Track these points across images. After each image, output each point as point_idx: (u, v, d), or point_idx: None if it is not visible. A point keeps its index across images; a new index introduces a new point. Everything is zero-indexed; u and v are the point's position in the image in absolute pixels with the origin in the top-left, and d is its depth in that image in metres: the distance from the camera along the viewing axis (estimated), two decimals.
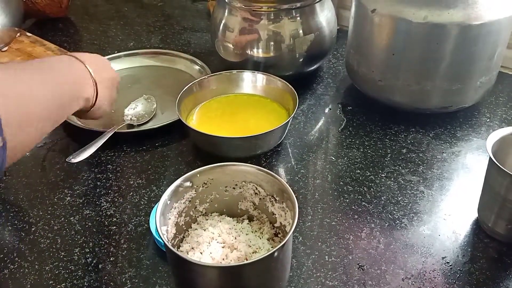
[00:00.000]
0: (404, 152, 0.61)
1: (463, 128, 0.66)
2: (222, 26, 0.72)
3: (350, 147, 0.63)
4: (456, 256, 0.47)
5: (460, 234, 0.50)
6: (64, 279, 0.46)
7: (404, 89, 0.64)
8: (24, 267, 0.47)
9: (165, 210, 0.41)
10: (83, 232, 0.51)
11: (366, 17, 0.63)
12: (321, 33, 0.71)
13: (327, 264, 0.47)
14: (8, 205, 0.55)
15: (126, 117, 0.67)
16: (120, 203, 0.54)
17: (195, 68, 0.78)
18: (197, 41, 0.90)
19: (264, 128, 0.58)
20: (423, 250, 0.48)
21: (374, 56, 0.65)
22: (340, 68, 0.80)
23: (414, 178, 0.57)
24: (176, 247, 0.44)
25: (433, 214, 0.52)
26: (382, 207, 0.53)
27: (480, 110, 0.69)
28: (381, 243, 0.49)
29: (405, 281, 0.45)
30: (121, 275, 0.46)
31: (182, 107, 0.63)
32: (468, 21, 0.57)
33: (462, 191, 0.56)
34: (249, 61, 0.72)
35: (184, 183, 0.43)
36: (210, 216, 0.47)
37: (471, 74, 0.62)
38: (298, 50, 0.70)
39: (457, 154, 0.61)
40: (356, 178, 0.58)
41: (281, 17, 0.68)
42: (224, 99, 0.68)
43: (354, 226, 0.51)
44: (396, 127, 0.66)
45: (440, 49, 0.59)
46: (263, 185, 0.44)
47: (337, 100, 0.73)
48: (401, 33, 0.60)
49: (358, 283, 0.45)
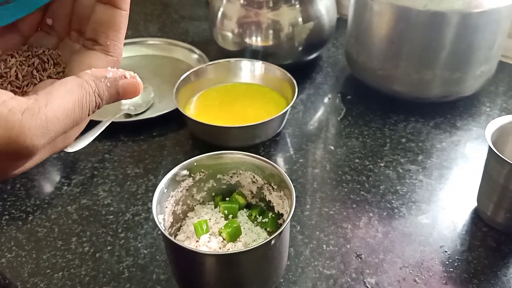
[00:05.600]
0: (403, 141, 0.61)
1: (462, 117, 0.65)
2: (220, 15, 0.71)
3: (349, 136, 0.62)
4: (455, 245, 0.47)
5: (458, 223, 0.50)
6: (61, 268, 0.46)
7: (403, 78, 0.63)
8: (22, 256, 0.47)
9: (162, 198, 0.41)
10: (80, 221, 0.51)
11: (366, 5, 0.63)
12: (320, 22, 0.71)
13: (325, 253, 0.47)
14: (5, 195, 0.55)
15: (124, 107, 0.66)
16: (118, 192, 0.54)
17: (193, 57, 0.78)
18: (196, 30, 0.89)
19: (263, 118, 0.57)
20: (422, 239, 0.48)
21: (374, 45, 0.64)
22: (340, 57, 0.79)
23: (413, 167, 0.57)
24: (173, 235, 0.44)
25: (432, 203, 0.52)
26: (381, 196, 0.53)
27: (480, 99, 0.68)
28: (379, 232, 0.49)
29: (403, 269, 0.45)
30: (118, 264, 0.46)
31: (179, 96, 0.63)
32: (469, 9, 0.56)
33: (461, 181, 0.55)
34: (247, 50, 0.71)
35: (181, 172, 0.43)
36: (207, 204, 0.46)
37: (471, 63, 0.61)
38: (297, 38, 0.70)
39: (456, 143, 0.61)
40: (355, 167, 0.57)
41: (280, 5, 0.68)
42: (222, 88, 0.68)
43: (352, 215, 0.51)
44: (396, 116, 0.65)
45: (440, 37, 0.58)
46: (260, 173, 0.44)
47: (337, 89, 0.72)
48: (401, 21, 0.60)
49: (356, 271, 0.45)
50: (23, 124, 0.22)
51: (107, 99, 0.26)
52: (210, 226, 0.43)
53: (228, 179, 0.46)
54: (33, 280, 0.45)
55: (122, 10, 0.28)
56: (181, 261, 0.39)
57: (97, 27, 0.28)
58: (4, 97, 0.22)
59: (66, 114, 0.24)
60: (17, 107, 0.22)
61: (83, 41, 0.29)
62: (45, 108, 0.23)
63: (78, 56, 0.28)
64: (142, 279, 0.45)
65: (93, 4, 0.28)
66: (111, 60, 0.28)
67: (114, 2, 0.27)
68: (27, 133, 0.22)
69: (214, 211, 0.45)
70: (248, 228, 0.43)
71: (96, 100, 0.25)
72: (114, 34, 0.28)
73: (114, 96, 0.26)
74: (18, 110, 0.22)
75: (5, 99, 0.22)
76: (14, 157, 0.23)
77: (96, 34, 0.28)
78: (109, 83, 0.26)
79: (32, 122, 0.22)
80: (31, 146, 0.22)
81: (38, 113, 0.23)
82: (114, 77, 0.26)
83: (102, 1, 0.28)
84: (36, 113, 0.23)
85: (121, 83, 0.26)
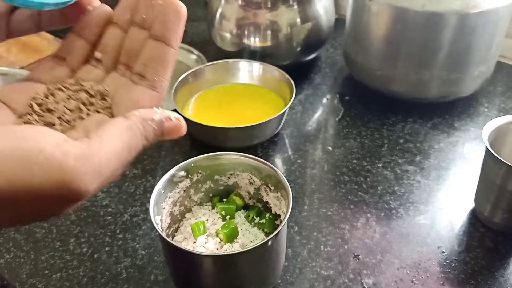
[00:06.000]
0: (401, 142, 0.61)
1: (460, 118, 0.65)
2: (218, 15, 0.71)
3: (347, 137, 0.62)
4: (452, 246, 0.47)
5: (456, 224, 0.50)
6: (59, 269, 0.46)
7: (402, 78, 0.63)
8: (20, 256, 0.47)
9: (159, 199, 0.41)
10: (79, 222, 0.51)
11: (364, 6, 0.63)
12: (318, 22, 0.71)
13: (323, 254, 0.47)
14: None
15: None
16: (116, 193, 0.54)
17: (192, 57, 0.78)
18: (194, 30, 0.89)
19: (261, 118, 0.57)
20: (419, 239, 0.48)
21: (372, 45, 0.64)
22: (338, 58, 0.79)
23: (411, 168, 0.57)
24: (171, 236, 0.44)
25: (430, 204, 0.52)
26: (379, 197, 0.53)
27: (478, 99, 0.68)
28: (376, 232, 0.49)
29: (400, 270, 0.45)
30: (116, 265, 0.46)
31: (178, 97, 0.63)
32: (466, 10, 0.56)
33: (459, 181, 0.55)
34: (246, 51, 0.71)
35: (178, 173, 0.43)
36: (204, 206, 0.46)
37: (469, 64, 0.61)
38: (295, 39, 0.70)
39: (454, 144, 0.61)
40: (352, 168, 0.57)
41: (278, 6, 0.68)
42: (220, 89, 0.68)
43: (350, 216, 0.51)
44: (394, 117, 0.65)
45: (438, 38, 0.58)
46: (257, 174, 0.44)
47: (335, 89, 0.72)
48: (398, 22, 0.60)
49: (353, 272, 0.45)
50: (77, 169, 0.22)
51: (152, 140, 0.26)
52: (208, 227, 0.43)
53: (226, 180, 0.46)
54: (31, 281, 0.45)
55: (172, 48, 0.28)
56: (178, 262, 0.39)
57: (146, 62, 0.28)
58: (57, 139, 0.22)
59: (117, 158, 0.24)
60: (72, 151, 0.22)
61: (130, 75, 0.29)
62: (98, 153, 0.23)
63: (124, 90, 0.29)
64: (140, 280, 0.45)
65: (144, 40, 0.29)
66: (156, 96, 0.28)
67: (167, 40, 0.28)
68: (81, 178, 0.22)
69: (211, 212, 0.45)
70: (246, 229, 0.43)
71: (142, 142, 0.25)
72: (162, 71, 0.28)
73: (159, 137, 0.26)
74: (72, 154, 0.22)
75: (59, 141, 0.22)
76: (64, 200, 0.23)
77: (145, 69, 0.28)
78: (156, 126, 0.26)
79: (86, 167, 0.22)
80: (84, 191, 0.22)
81: (92, 159, 0.22)
82: (160, 119, 0.26)
83: (155, 37, 0.28)
84: (89, 159, 0.22)
85: (166, 125, 0.26)
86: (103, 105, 0.28)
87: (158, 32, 0.28)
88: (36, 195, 0.21)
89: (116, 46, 0.30)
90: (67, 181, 0.21)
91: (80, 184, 0.22)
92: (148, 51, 0.29)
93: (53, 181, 0.21)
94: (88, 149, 0.23)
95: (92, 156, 0.22)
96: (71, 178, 0.21)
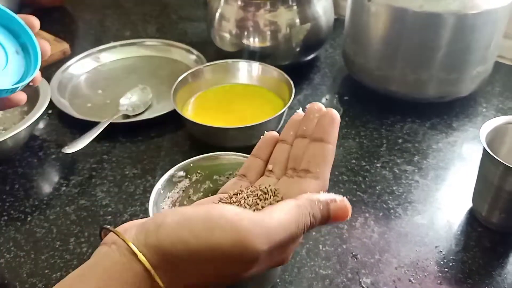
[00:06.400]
0: (400, 142, 0.61)
1: (459, 118, 0.65)
2: (218, 16, 0.72)
3: (346, 137, 0.63)
4: (450, 245, 0.48)
5: (454, 224, 0.50)
6: (59, 268, 0.46)
7: (400, 78, 0.64)
8: (20, 256, 0.48)
9: (158, 199, 0.41)
10: (79, 222, 0.51)
11: (363, 6, 0.63)
12: (317, 22, 0.71)
13: (321, 253, 0.47)
14: (4, 195, 0.55)
15: (122, 108, 0.66)
16: (116, 193, 0.55)
17: (191, 58, 0.78)
18: (194, 31, 0.89)
19: (260, 118, 0.58)
20: (417, 239, 0.48)
21: (371, 45, 0.64)
22: (337, 58, 0.80)
23: (409, 168, 0.57)
24: None
25: (428, 204, 0.52)
26: (377, 196, 0.54)
27: (476, 99, 0.69)
28: (375, 232, 0.49)
29: (398, 269, 0.45)
30: None
31: (177, 97, 0.63)
32: (464, 10, 0.57)
33: (457, 181, 0.56)
34: (245, 51, 0.71)
35: (177, 173, 0.43)
36: None
37: (467, 64, 0.61)
38: (294, 39, 0.70)
39: (452, 144, 0.61)
40: (351, 168, 0.58)
41: (277, 6, 0.68)
42: (220, 89, 0.68)
43: None
44: (392, 117, 0.66)
45: (436, 38, 0.59)
46: None
47: (334, 90, 0.73)
48: (397, 22, 0.60)
49: (352, 271, 0.45)
50: (249, 229, 0.26)
51: (319, 221, 0.29)
52: None
53: (225, 180, 0.46)
54: (31, 280, 0.45)
55: (330, 144, 0.33)
56: None
57: (310, 159, 0.33)
58: (237, 210, 0.27)
59: (285, 227, 0.27)
60: (245, 215, 0.27)
61: (297, 174, 0.34)
62: (268, 219, 0.27)
63: (292, 183, 0.34)
64: None
65: (306, 145, 0.34)
66: (320, 184, 0.33)
67: (325, 140, 0.33)
68: (252, 237, 0.26)
69: None
70: None
71: (310, 220, 0.29)
72: (324, 164, 0.33)
73: (325, 219, 0.29)
74: (245, 217, 0.26)
75: (238, 211, 0.27)
76: (241, 259, 0.26)
77: (309, 165, 0.33)
78: (322, 206, 0.29)
79: (257, 228, 0.26)
80: (255, 249, 0.26)
81: (262, 222, 0.27)
82: (326, 200, 0.29)
83: (316, 139, 0.34)
84: (260, 222, 0.27)
85: (332, 206, 0.29)
86: (275, 199, 0.33)
87: (318, 135, 0.34)
88: (217, 253, 0.26)
89: (285, 157, 0.36)
90: (241, 238, 0.26)
91: (251, 242, 0.26)
92: (311, 151, 0.34)
93: (230, 239, 0.25)
94: (259, 215, 0.27)
95: (262, 221, 0.27)
96: (244, 236, 0.26)
